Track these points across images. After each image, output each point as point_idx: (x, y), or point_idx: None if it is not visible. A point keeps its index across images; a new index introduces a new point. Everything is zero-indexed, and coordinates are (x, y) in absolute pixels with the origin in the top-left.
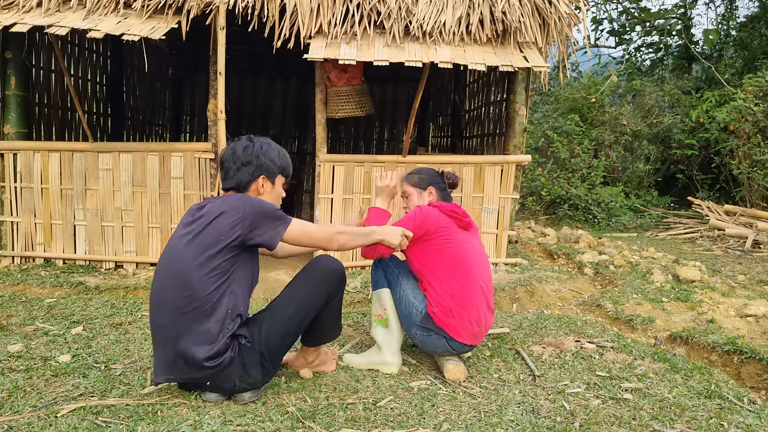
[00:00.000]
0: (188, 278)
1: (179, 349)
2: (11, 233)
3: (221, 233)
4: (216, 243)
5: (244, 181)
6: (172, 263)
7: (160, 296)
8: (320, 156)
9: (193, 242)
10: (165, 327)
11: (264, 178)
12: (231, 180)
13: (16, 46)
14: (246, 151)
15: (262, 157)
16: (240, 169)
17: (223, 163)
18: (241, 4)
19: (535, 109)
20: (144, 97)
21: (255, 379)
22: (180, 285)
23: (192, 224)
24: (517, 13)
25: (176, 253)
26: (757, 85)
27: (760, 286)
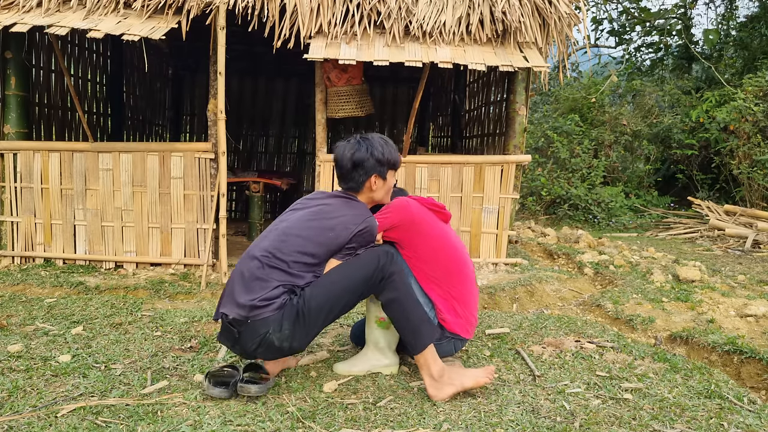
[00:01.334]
0: (289, 242)
1: (239, 288)
2: (11, 233)
3: (331, 240)
4: (322, 243)
5: (359, 182)
6: (282, 224)
7: (256, 243)
8: (320, 156)
9: (310, 222)
10: (242, 271)
11: (376, 176)
12: (347, 182)
13: (16, 46)
14: (356, 156)
15: (371, 159)
16: (353, 171)
17: (338, 164)
18: (241, 4)
19: (535, 109)
20: (144, 97)
21: (283, 335)
22: (278, 240)
23: (314, 209)
24: (517, 13)
25: (292, 219)
26: (757, 85)
27: (760, 286)
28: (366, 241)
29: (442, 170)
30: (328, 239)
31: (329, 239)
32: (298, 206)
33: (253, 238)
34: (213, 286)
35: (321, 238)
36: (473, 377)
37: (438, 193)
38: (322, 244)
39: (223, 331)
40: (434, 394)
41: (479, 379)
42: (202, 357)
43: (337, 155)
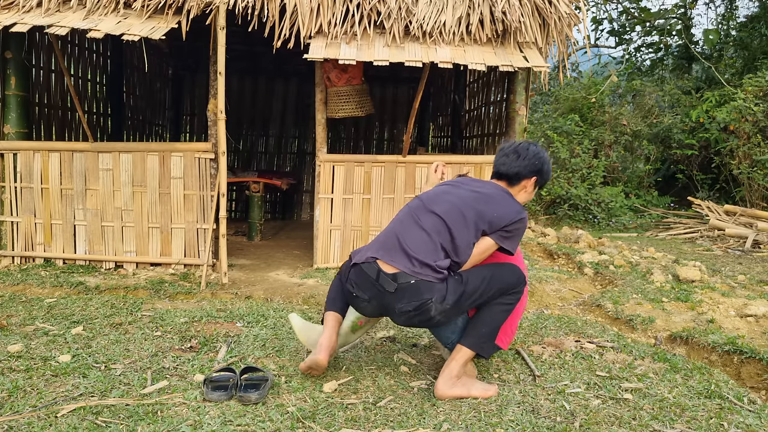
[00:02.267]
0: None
1: (411, 241)
2: (11, 233)
3: (495, 220)
4: (488, 221)
5: (522, 174)
6: (448, 196)
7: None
8: (320, 156)
9: (477, 202)
10: (413, 225)
11: (535, 180)
12: (513, 166)
13: (16, 46)
14: (537, 154)
15: (546, 165)
16: (525, 163)
17: (514, 150)
18: (241, 4)
19: (535, 109)
20: (144, 97)
21: (444, 307)
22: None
23: (481, 192)
24: (517, 13)
25: (460, 195)
26: (757, 85)
27: (760, 286)
28: (519, 233)
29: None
30: (493, 218)
31: (494, 218)
32: (459, 185)
33: (253, 238)
34: (213, 286)
35: (487, 217)
36: (482, 388)
37: None
38: (488, 222)
39: (364, 280)
40: (442, 390)
41: (487, 391)
42: (202, 357)
43: (519, 144)
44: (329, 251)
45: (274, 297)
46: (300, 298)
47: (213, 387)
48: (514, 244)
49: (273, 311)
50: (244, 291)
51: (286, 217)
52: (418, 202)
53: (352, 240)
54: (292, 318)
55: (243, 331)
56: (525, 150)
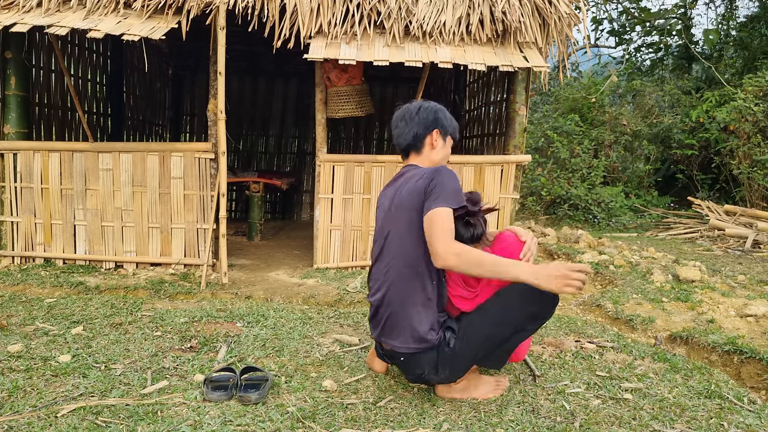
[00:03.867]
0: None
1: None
2: (11, 233)
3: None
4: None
5: (420, 133)
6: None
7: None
8: (320, 156)
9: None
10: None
11: (438, 132)
12: (407, 135)
13: (16, 46)
14: (422, 109)
15: (440, 113)
16: (417, 121)
17: (400, 118)
18: (241, 4)
19: (535, 109)
20: (144, 97)
21: (444, 375)
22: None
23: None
24: (517, 13)
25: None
26: (757, 85)
27: (760, 286)
28: (444, 186)
29: None
30: (412, 195)
31: (413, 194)
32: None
33: (253, 238)
34: (213, 286)
35: (406, 202)
36: (484, 392)
37: None
38: (410, 205)
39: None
40: (443, 391)
41: (488, 394)
42: (202, 357)
43: (399, 111)
44: (329, 251)
45: (274, 297)
46: (300, 298)
47: (213, 387)
48: (446, 198)
49: (273, 311)
50: (244, 291)
51: (286, 217)
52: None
53: (352, 240)
54: None
55: (243, 331)
56: (409, 111)
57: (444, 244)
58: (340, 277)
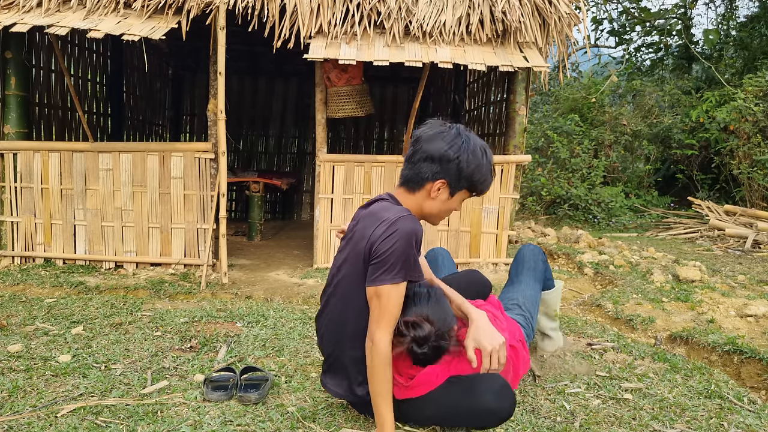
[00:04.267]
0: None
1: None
2: (11, 233)
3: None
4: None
5: (424, 174)
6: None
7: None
8: (320, 156)
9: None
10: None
11: (443, 184)
12: (411, 169)
13: (16, 46)
14: (450, 146)
15: (462, 162)
16: (424, 161)
17: (417, 138)
18: (241, 4)
19: (535, 109)
20: (144, 97)
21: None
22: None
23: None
24: (517, 13)
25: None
26: (757, 85)
27: (760, 286)
28: (393, 255)
29: None
30: (361, 246)
31: (361, 246)
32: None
33: (253, 238)
34: (213, 286)
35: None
36: None
37: None
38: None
39: None
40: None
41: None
42: (202, 357)
43: (423, 131)
44: (329, 251)
45: (274, 297)
46: (300, 298)
47: (213, 387)
48: (391, 270)
49: (273, 311)
50: (244, 291)
51: (286, 217)
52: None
53: None
54: None
55: (243, 331)
56: (439, 136)
57: (379, 332)
58: None
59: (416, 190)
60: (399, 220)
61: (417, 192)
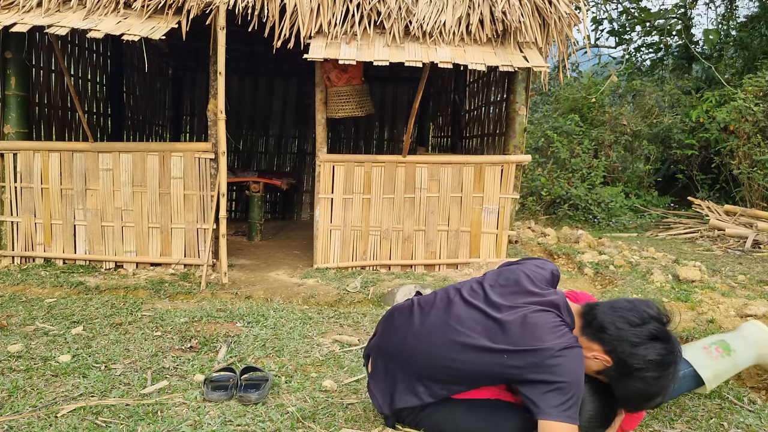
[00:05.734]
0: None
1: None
2: (11, 233)
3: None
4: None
5: (607, 332)
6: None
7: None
8: (320, 156)
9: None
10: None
11: (608, 359)
12: (589, 328)
13: (16, 46)
14: (646, 351)
15: (642, 373)
16: (601, 333)
17: (617, 304)
18: (241, 4)
19: (535, 109)
20: (144, 97)
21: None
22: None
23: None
24: (517, 13)
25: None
26: (757, 85)
27: (760, 286)
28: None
29: (442, 170)
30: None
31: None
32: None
33: (253, 238)
34: (213, 286)
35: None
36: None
37: (438, 193)
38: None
39: None
40: None
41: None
42: (202, 357)
43: (608, 309)
44: (329, 251)
45: (274, 297)
46: (300, 298)
47: (213, 387)
48: (569, 406)
49: (273, 311)
50: (244, 291)
51: (286, 217)
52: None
53: (352, 240)
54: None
55: (243, 331)
56: (626, 327)
57: None
58: (340, 277)
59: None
60: (570, 347)
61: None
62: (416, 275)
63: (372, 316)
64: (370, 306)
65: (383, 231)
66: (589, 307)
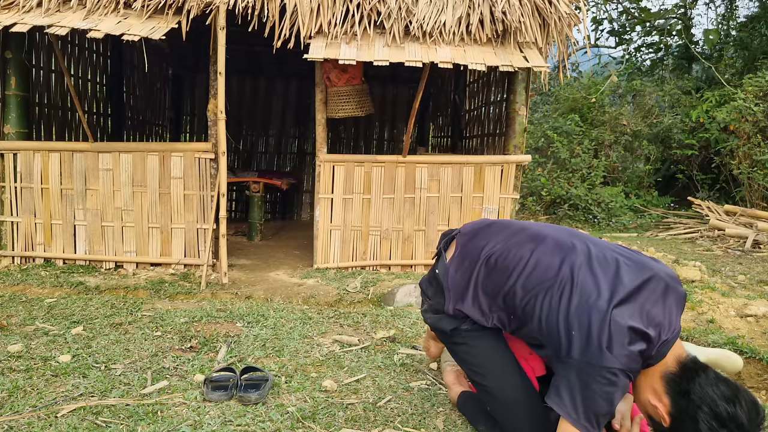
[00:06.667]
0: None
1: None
2: (11, 233)
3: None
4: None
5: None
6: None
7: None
8: (320, 156)
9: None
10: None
11: (666, 418)
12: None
13: (16, 46)
14: (718, 405)
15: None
16: (683, 399)
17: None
18: (241, 4)
19: (535, 109)
20: (144, 97)
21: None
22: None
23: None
24: (517, 13)
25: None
26: (757, 85)
27: (760, 286)
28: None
29: (442, 170)
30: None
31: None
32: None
33: (253, 238)
34: (213, 286)
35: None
36: None
37: (438, 193)
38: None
39: None
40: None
41: None
42: (202, 357)
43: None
44: (329, 251)
45: (274, 297)
46: (300, 298)
47: (213, 387)
48: (586, 410)
49: (273, 311)
50: (244, 291)
51: (286, 217)
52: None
53: (352, 240)
54: None
55: (243, 331)
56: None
57: None
58: (340, 277)
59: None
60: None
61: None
62: (416, 275)
63: (372, 316)
64: (370, 306)
65: (383, 231)
66: (695, 364)
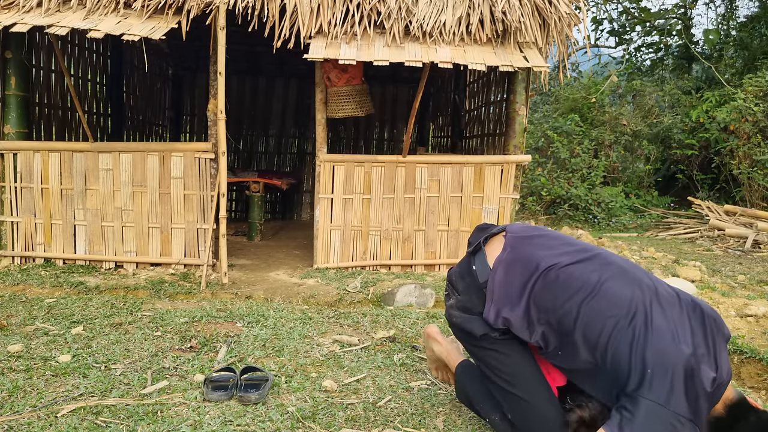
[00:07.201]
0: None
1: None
2: (11, 233)
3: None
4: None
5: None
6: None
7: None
8: (320, 156)
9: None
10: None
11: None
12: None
13: (16, 46)
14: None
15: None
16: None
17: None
18: (241, 4)
19: (535, 109)
20: (144, 97)
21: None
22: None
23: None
24: (517, 13)
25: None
26: (757, 85)
27: (760, 286)
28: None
29: (442, 170)
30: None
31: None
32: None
33: (253, 238)
34: (213, 286)
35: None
36: None
37: (438, 193)
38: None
39: None
40: None
41: None
42: (202, 357)
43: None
44: (329, 251)
45: (274, 297)
46: (300, 298)
47: (213, 387)
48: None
49: (273, 311)
50: (244, 291)
51: (286, 217)
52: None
53: (352, 240)
54: None
55: (243, 331)
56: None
57: None
58: (340, 277)
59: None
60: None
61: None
62: (416, 275)
63: (372, 316)
64: (370, 306)
65: (383, 231)
66: (742, 405)
